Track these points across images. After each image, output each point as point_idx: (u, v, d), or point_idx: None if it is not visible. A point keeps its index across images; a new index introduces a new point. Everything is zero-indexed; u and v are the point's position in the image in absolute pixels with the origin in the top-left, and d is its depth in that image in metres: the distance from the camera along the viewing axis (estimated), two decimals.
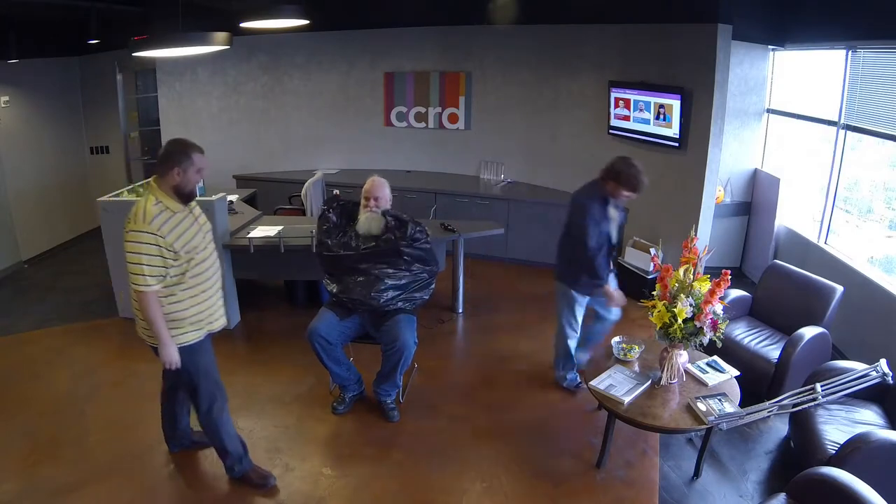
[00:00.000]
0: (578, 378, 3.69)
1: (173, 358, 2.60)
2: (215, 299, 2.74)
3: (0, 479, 2.95)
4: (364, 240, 3.29)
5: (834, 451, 2.63)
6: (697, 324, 2.71)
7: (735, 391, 2.90)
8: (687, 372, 2.96)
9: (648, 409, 2.76)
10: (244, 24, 4.13)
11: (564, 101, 5.81)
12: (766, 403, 2.50)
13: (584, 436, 3.33)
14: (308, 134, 6.77)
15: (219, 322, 2.79)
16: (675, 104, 4.75)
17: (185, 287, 2.57)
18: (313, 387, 3.76)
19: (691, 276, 2.79)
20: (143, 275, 2.45)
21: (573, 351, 3.63)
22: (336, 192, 5.25)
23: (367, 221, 3.28)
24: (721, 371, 3.01)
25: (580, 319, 3.57)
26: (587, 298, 3.51)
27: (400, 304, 3.32)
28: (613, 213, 3.33)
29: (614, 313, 3.58)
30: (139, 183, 5.12)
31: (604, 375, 2.98)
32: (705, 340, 2.76)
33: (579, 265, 3.35)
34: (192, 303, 2.61)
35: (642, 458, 3.15)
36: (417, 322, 3.42)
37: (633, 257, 5.16)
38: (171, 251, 2.48)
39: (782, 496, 2.36)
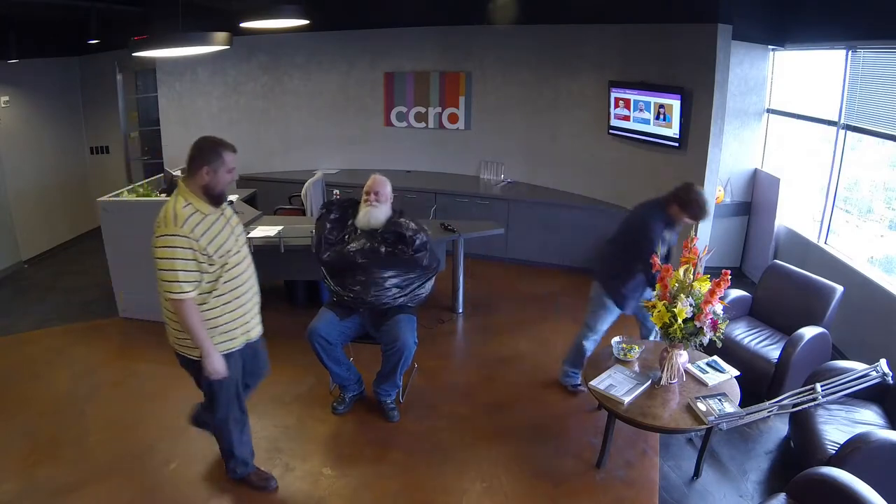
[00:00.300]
0: (579, 380, 3.68)
1: (218, 367, 2.47)
2: (251, 306, 2.61)
3: (0, 479, 2.95)
4: (364, 237, 3.29)
5: (834, 451, 2.63)
6: (697, 324, 2.71)
7: (735, 391, 2.89)
8: (687, 372, 2.96)
9: (648, 409, 2.76)
10: (244, 24, 4.14)
11: (564, 101, 5.81)
12: (766, 403, 2.50)
13: (584, 436, 3.33)
14: (308, 134, 6.77)
15: (255, 331, 2.67)
16: (675, 104, 4.75)
17: (218, 294, 2.44)
18: (313, 387, 3.76)
19: (691, 276, 2.79)
20: (178, 281, 2.32)
21: (587, 352, 3.60)
22: (336, 192, 5.25)
23: (367, 216, 3.28)
24: (721, 371, 3.01)
25: (605, 328, 3.56)
26: (618, 311, 3.51)
27: (402, 299, 3.32)
28: (668, 235, 3.33)
29: None
30: (139, 183, 5.12)
31: (604, 375, 2.98)
32: (705, 340, 2.76)
33: (629, 279, 3.32)
34: (225, 310, 2.48)
35: (642, 458, 3.15)
36: (417, 322, 3.42)
37: None
38: (205, 255, 2.36)
39: (782, 496, 2.36)
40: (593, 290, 3.55)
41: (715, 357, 3.13)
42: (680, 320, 2.69)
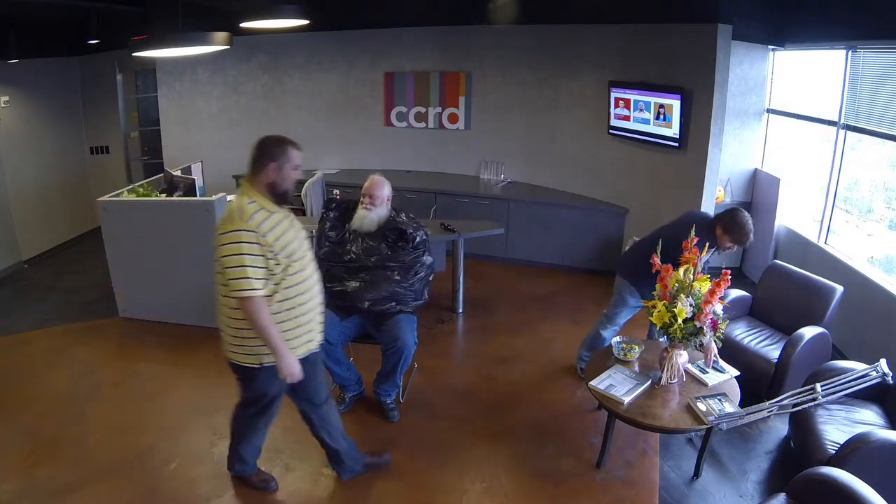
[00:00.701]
0: None
1: (294, 369, 2.34)
2: (313, 315, 2.47)
3: (0, 479, 2.95)
4: (362, 240, 3.29)
5: (834, 451, 2.63)
6: (697, 324, 2.71)
7: (735, 391, 2.89)
8: (687, 372, 2.96)
9: (648, 409, 2.76)
10: (244, 24, 4.14)
11: (564, 101, 5.81)
12: (766, 403, 2.50)
13: (584, 436, 3.33)
14: (308, 134, 6.74)
15: (316, 341, 2.53)
16: (675, 104, 4.75)
17: (280, 298, 2.32)
18: None
19: (691, 276, 2.79)
20: (248, 277, 2.20)
21: (605, 341, 3.62)
22: (336, 192, 5.25)
23: (360, 219, 3.28)
24: (721, 371, 3.01)
25: (623, 321, 3.63)
26: (638, 308, 3.56)
27: (399, 307, 3.31)
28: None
29: None
30: (139, 183, 5.12)
31: (604, 375, 2.98)
32: (705, 340, 2.75)
33: None
34: (289, 315, 2.35)
35: (642, 458, 3.15)
36: (417, 322, 3.42)
37: None
38: (272, 252, 2.25)
39: (782, 496, 2.36)
40: (617, 285, 3.61)
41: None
42: (680, 320, 2.69)
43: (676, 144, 4.86)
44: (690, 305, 2.70)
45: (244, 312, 2.27)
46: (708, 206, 4.77)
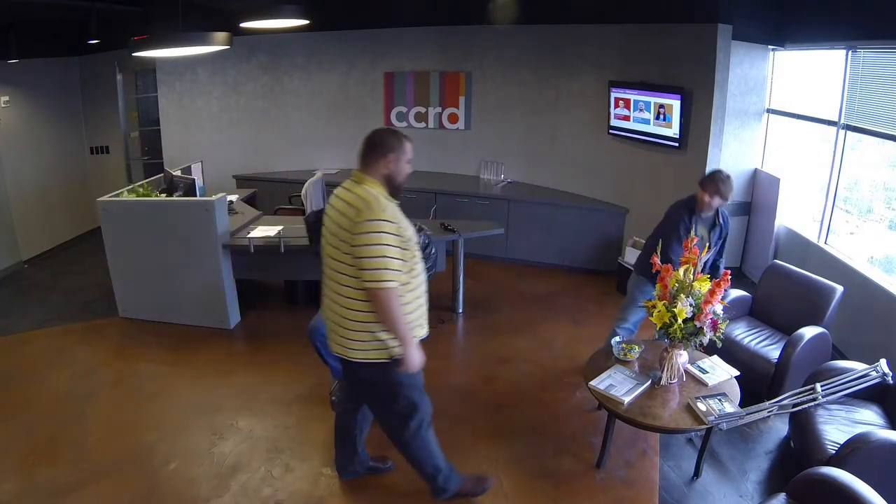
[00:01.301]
0: None
1: (419, 360, 2.35)
2: (424, 300, 2.48)
3: (0, 479, 2.95)
4: None
5: (834, 451, 2.63)
6: (697, 324, 2.71)
7: (735, 391, 2.89)
8: (687, 372, 2.96)
9: (648, 409, 2.76)
10: (244, 24, 4.14)
11: (564, 101, 5.81)
12: (766, 403, 2.50)
13: (584, 436, 3.33)
14: (308, 134, 6.77)
15: (426, 327, 2.51)
16: (675, 104, 4.75)
17: (410, 288, 2.31)
18: (313, 387, 3.75)
19: (691, 276, 2.79)
20: (388, 269, 2.17)
21: (617, 339, 3.62)
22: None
23: None
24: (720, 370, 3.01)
25: (635, 319, 3.64)
26: None
27: None
28: (702, 230, 3.37)
29: None
30: (139, 183, 5.12)
31: (604, 375, 2.98)
32: (705, 340, 2.76)
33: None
34: (417, 305, 2.36)
35: (642, 458, 3.15)
36: None
37: (632, 257, 5.14)
38: (408, 242, 2.26)
39: (782, 496, 2.36)
40: (634, 280, 3.66)
41: (715, 357, 3.13)
42: (680, 320, 2.69)
43: (676, 144, 4.86)
44: (690, 305, 2.70)
45: (378, 304, 2.22)
46: None
